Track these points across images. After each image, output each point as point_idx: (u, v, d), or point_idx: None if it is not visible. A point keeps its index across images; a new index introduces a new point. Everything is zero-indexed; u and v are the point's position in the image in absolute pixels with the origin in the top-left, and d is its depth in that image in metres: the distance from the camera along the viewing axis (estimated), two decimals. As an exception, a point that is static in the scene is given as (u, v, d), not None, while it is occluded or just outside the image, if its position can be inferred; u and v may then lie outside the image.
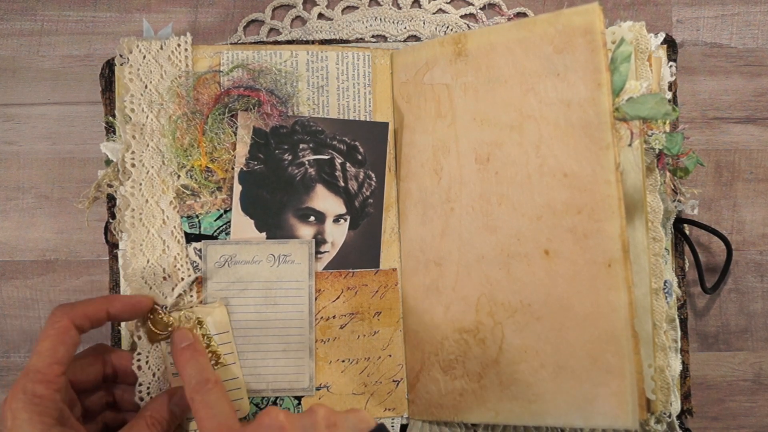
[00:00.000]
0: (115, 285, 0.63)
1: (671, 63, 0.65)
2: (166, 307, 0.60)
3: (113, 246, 0.63)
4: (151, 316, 0.60)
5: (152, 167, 0.62)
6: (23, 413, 0.48)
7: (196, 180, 0.62)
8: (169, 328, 0.59)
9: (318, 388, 0.63)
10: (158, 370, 0.59)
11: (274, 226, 0.63)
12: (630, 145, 0.56)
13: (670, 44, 0.65)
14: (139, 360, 0.59)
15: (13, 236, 0.68)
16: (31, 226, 0.68)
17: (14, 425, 0.48)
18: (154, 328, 0.59)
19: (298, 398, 0.63)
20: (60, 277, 0.68)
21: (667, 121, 0.62)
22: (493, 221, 0.59)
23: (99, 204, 0.64)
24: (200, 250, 0.62)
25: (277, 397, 0.62)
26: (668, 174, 0.63)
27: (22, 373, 0.50)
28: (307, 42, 0.66)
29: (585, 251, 0.54)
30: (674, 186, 0.64)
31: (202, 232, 0.62)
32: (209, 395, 0.53)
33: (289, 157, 0.63)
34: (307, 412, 0.51)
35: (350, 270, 0.64)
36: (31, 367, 0.50)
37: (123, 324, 0.62)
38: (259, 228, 0.63)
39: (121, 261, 0.62)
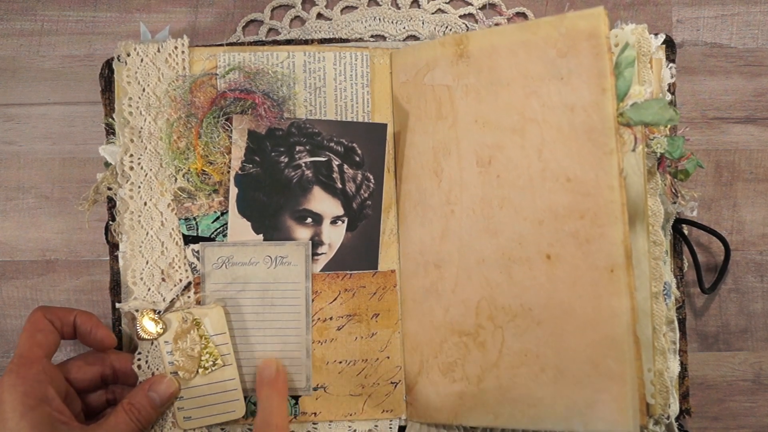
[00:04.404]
0: (115, 285, 0.63)
1: (670, 64, 0.64)
2: (159, 312, 0.61)
3: (113, 246, 0.63)
4: (142, 317, 0.60)
5: (150, 170, 0.62)
6: (7, 395, 0.52)
7: (192, 183, 0.62)
8: (159, 330, 0.60)
9: (315, 389, 0.63)
10: (157, 369, 0.60)
11: (271, 228, 0.63)
12: (634, 150, 0.56)
13: (669, 45, 0.65)
14: (139, 360, 0.60)
15: (13, 236, 0.68)
16: (31, 226, 0.68)
17: (0, 409, 0.52)
18: (143, 330, 0.60)
19: (296, 398, 0.63)
20: (60, 277, 0.68)
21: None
22: (494, 224, 0.59)
23: (99, 204, 0.64)
24: (198, 252, 0.62)
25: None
26: (668, 177, 0.63)
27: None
28: (305, 42, 0.66)
29: (587, 256, 0.54)
30: (674, 189, 0.64)
31: (199, 234, 0.62)
32: None
33: (286, 160, 0.63)
34: None
35: (348, 272, 0.64)
36: (15, 354, 0.55)
37: (123, 324, 0.63)
38: (256, 230, 0.62)
39: (121, 262, 0.63)
